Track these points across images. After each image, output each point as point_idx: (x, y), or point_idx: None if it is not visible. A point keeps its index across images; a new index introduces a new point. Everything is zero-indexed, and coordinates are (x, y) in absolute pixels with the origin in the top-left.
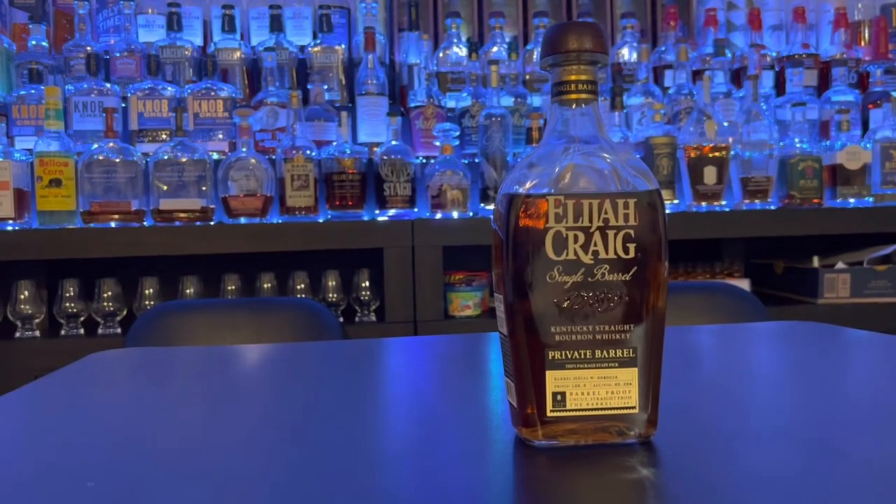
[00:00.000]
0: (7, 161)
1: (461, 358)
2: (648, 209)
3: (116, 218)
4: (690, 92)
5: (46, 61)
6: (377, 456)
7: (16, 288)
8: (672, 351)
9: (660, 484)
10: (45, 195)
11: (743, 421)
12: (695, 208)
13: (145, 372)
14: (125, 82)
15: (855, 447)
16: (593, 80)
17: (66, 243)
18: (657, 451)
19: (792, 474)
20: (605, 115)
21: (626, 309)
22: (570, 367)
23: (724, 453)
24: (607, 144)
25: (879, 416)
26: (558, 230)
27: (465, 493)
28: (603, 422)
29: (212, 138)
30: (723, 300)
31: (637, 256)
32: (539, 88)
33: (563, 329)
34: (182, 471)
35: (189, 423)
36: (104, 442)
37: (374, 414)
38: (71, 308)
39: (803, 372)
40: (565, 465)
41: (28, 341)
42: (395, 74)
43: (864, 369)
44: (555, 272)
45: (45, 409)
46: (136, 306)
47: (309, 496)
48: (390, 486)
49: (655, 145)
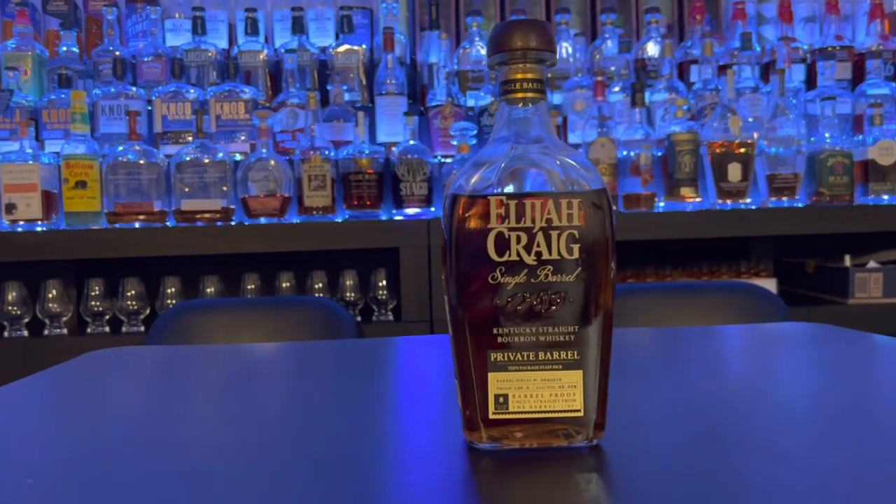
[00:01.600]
0: (35, 164)
1: None
2: (594, 209)
3: (140, 218)
4: (716, 87)
5: (76, 66)
6: (325, 455)
7: (44, 287)
8: (656, 352)
9: (600, 490)
10: (71, 196)
11: (702, 427)
12: (719, 206)
13: (141, 370)
14: (151, 86)
15: (811, 455)
16: (540, 78)
17: (91, 243)
18: (604, 456)
19: (738, 481)
20: (626, 112)
21: (570, 311)
22: (513, 369)
23: (673, 460)
24: (554, 144)
25: (848, 424)
26: (500, 231)
27: (391, 495)
28: (549, 425)
29: (234, 140)
30: (743, 300)
31: (582, 257)
32: (560, 86)
33: (506, 331)
34: (176, 468)
35: (175, 420)
36: (79, 439)
37: (353, 413)
38: (96, 307)
39: (782, 377)
40: (505, 469)
41: (55, 339)
42: (416, 74)
43: (852, 375)
44: (497, 273)
45: (31, 405)
46: (158, 305)
47: (253, 493)
48: (319, 488)
49: (677, 142)
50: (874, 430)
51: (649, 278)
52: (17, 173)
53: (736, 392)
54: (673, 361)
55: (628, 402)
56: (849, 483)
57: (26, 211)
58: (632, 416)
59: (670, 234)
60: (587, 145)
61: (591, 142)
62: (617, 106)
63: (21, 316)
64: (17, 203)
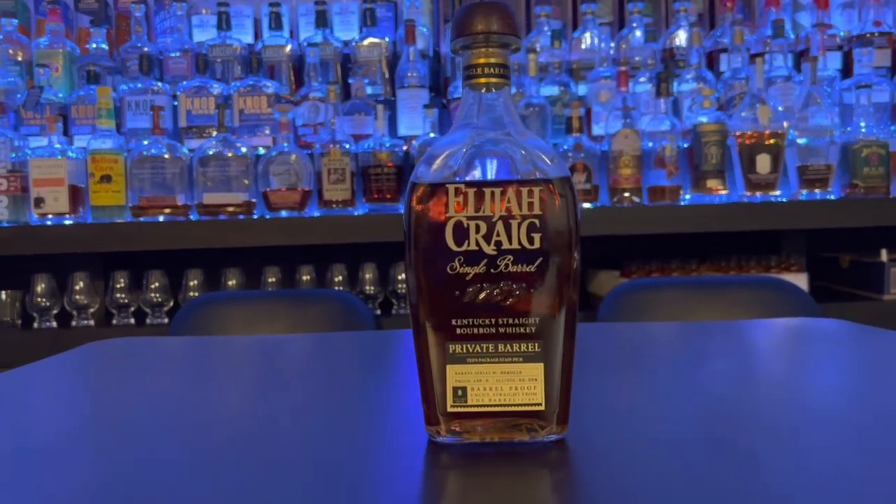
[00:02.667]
0: (62, 159)
1: None
2: (555, 198)
3: (164, 212)
4: (746, 77)
5: (105, 63)
6: (288, 447)
7: (71, 279)
8: (658, 348)
9: (560, 485)
10: (96, 190)
11: (683, 426)
12: (747, 199)
13: (143, 360)
14: (177, 81)
15: (776, 456)
16: (504, 63)
17: (116, 237)
18: (567, 452)
19: (697, 481)
20: (651, 102)
21: (531, 302)
22: (472, 361)
23: (640, 458)
24: (517, 131)
25: (822, 424)
26: (459, 220)
27: (342, 486)
28: (511, 419)
29: (257, 134)
30: (769, 295)
31: (543, 247)
32: (585, 76)
33: (465, 322)
34: (160, 456)
35: (175, 410)
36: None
37: (335, 404)
38: (122, 299)
39: (781, 374)
40: (459, 463)
41: (83, 330)
42: (440, 67)
43: (857, 373)
44: (456, 263)
45: (33, 393)
46: (181, 297)
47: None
48: (281, 482)
49: (703, 133)
50: (867, 434)
51: (674, 273)
52: (45, 168)
53: (727, 389)
54: (671, 357)
55: (609, 398)
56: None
57: (54, 205)
58: (608, 411)
59: (696, 228)
60: (610, 136)
61: (614, 133)
62: (642, 96)
63: (50, 307)
64: (46, 197)
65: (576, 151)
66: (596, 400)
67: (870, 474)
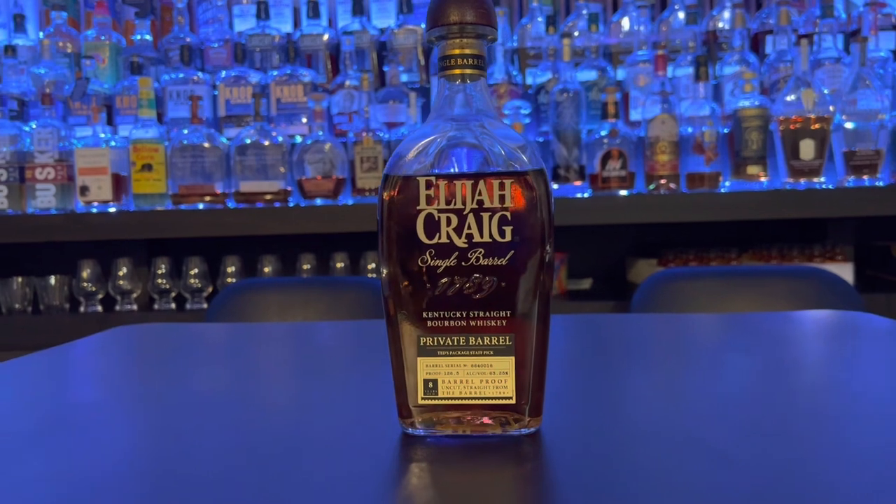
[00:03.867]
0: (106, 148)
1: None
2: (527, 190)
3: (205, 200)
4: (792, 59)
5: (149, 54)
6: (263, 437)
7: (115, 265)
8: (663, 339)
9: (522, 480)
10: (138, 179)
11: (651, 422)
12: (790, 186)
13: (159, 345)
14: (218, 71)
15: (750, 454)
16: (479, 54)
17: (157, 224)
18: (539, 446)
19: (669, 476)
20: (690, 87)
21: (502, 295)
22: (443, 354)
23: (615, 454)
24: (491, 122)
25: (802, 424)
26: (430, 212)
27: (309, 476)
28: (484, 412)
29: (294, 122)
30: (809, 286)
31: (514, 240)
32: (623, 60)
33: (436, 315)
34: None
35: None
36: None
37: (328, 392)
38: (163, 284)
39: (762, 370)
40: (428, 455)
41: (126, 314)
42: None
43: (865, 369)
44: (427, 256)
45: (60, 373)
46: (219, 283)
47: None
48: (250, 469)
49: (744, 117)
50: (836, 430)
51: (713, 262)
52: (90, 157)
53: (733, 386)
54: (687, 350)
55: (599, 391)
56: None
57: (98, 193)
58: (594, 405)
59: (736, 216)
60: (647, 122)
61: (650, 118)
62: (682, 80)
63: (95, 292)
64: (90, 185)
65: (611, 137)
66: (584, 393)
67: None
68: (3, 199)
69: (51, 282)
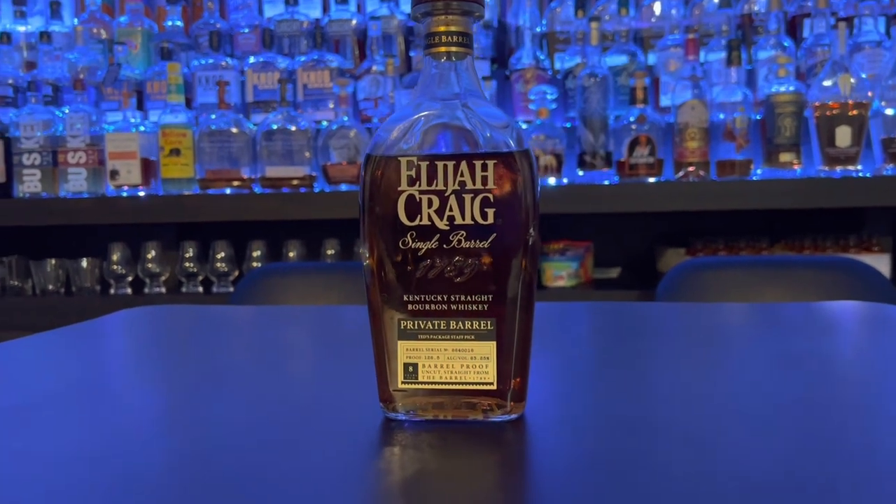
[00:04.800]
0: (134, 133)
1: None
2: (511, 172)
3: (233, 185)
4: (830, 43)
5: (180, 40)
6: (246, 420)
7: (144, 248)
8: (671, 329)
9: (505, 467)
10: (166, 163)
11: (640, 411)
12: (824, 174)
13: (166, 326)
14: (246, 56)
15: (732, 446)
16: (465, 31)
17: (184, 208)
18: (521, 432)
19: (650, 469)
20: (722, 72)
21: (484, 279)
22: (423, 337)
23: (596, 443)
24: (477, 102)
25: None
26: (411, 193)
27: (286, 457)
28: (466, 397)
29: (321, 108)
30: (840, 277)
31: (497, 222)
32: (654, 45)
33: (417, 298)
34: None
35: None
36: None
37: (328, 376)
38: (191, 268)
39: (778, 361)
40: (406, 441)
41: (155, 297)
42: (505, 37)
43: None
44: (408, 238)
45: (67, 354)
46: (244, 267)
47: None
48: (234, 444)
49: (777, 103)
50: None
51: (743, 251)
52: (120, 142)
53: (724, 374)
54: (686, 338)
55: (600, 381)
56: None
57: (127, 177)
58: (576, 393)
59: (767, 204)
60: (676, 108)
61: (680, 104)
62: (714, 65)
63: (125, 275)
64: (120, 170)
65: (639, 123)
66: (581, 381)
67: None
68: (37, 182)
69: (82, 264)
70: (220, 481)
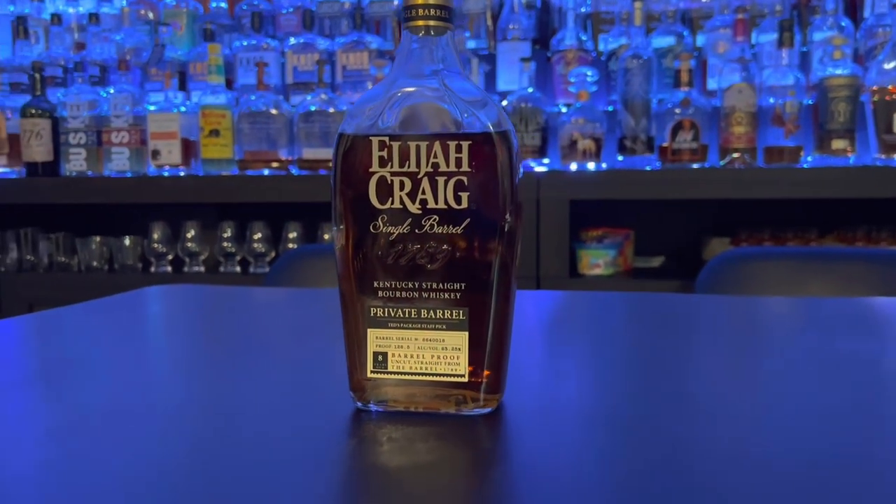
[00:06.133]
0: (175, 114)
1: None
2: (486, 154)
3: (272, 166)
4: (892, 23)
5: (223, 21)
6: (223, 408)
7: (184, 228)
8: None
9: (473, 463)
10: (206, 144)
11: (614, 407)
12: (881, 162)
13: (183, 305)
14: (286, 38)
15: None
16: (444, 4)
17: (223, 189)
18: (495, 426)
19: (617, 464)
20: (774, 54)
21: (457, 266)
22: (394, 326)
23: (569, 438)
24: (455, 80)
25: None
26: (383, 175)
27: (250, 445)
28: (438, 388)
29: (359, 90)
30: (891, 271)
31: (471, 207)
32: (703, 25)
33: (387, 284)
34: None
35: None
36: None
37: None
38: (229, 248)
39: (790, 360)
40: (375, 433)
41: (194, 275)
42: (548, 18)
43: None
44: (379, 222)
45: (93, 328)
46: (280, 248)
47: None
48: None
49: (830, 87)
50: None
51: (790, 242)
52: (161, 122)
53: (731, 376)
54: (696, 335)
55: (579, 375)
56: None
57: (168, 157)
58: (559, 387)
59: (817, 193)
60: (722, 91)
61: (726, 87)
62: (766, 47)
63: (166, 253)
64: (161, 149)
65: (683, 107)
66: (566, 374)
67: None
68: (83, 161)
69: (125, 242)
70: (183, 468)
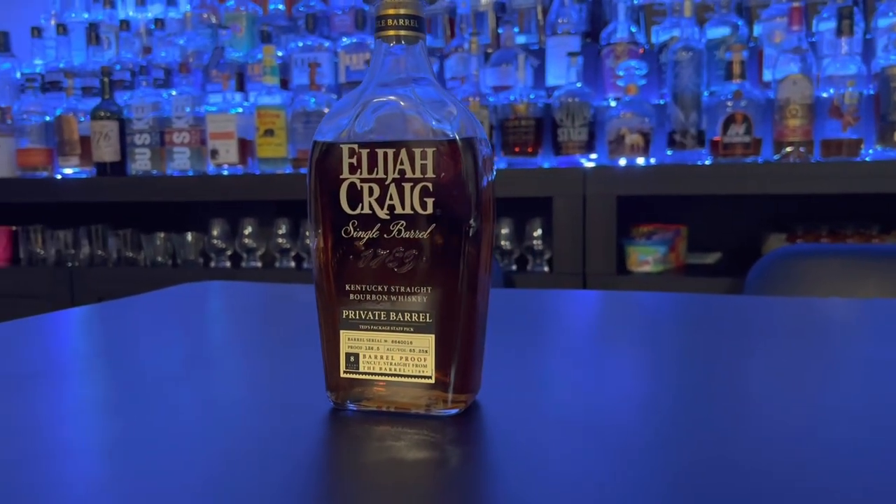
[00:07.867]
0: (232, 114)
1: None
2: (451, 161)
3: None
4: None
5: (281, 23)
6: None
7: (241, 224)
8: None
9: (432, 463)
10: (261, 143)
11: (589, 410)
12: None
13: (224, 303)
14: (340, 38)
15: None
16: (415, 14)
17: (278, 186)
18: (464, 427)
19: (577, 467)
20: (835, 43)
21: (423, 270)
22: (364, 328)
23: (537, 441)
24: (425, 88)
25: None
26: (353, 181)
27: (227, 438)
28: (408, 389)
29: None
30: None
31: (436, 213)
32: (760, 15)
33: (358, 288)
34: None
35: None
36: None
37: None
38: (283, 244)
39: (841, 367)
40: (348, 431)
41: (251, 271)
42: (600, 10)
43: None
44: (350, 227)
45: (131, 323)
46: None
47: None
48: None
49: (893, 76)
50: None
51: (849, 239)
52: (219, 122)
53: (722, 380)
54: (732, 340)
55: (561, 375)
56: None
57: (226, 156)
58: (548, 390)
59: (879, 188)
60: (777, 83)
61: (780, 78)
62: (826, 36)
63: (224, 249)
64: (219, 149)
65: (735, 100)
66: (547, 375)
67: None
68: (147, 161)
69: (188, 238)
70: (161, 458)
